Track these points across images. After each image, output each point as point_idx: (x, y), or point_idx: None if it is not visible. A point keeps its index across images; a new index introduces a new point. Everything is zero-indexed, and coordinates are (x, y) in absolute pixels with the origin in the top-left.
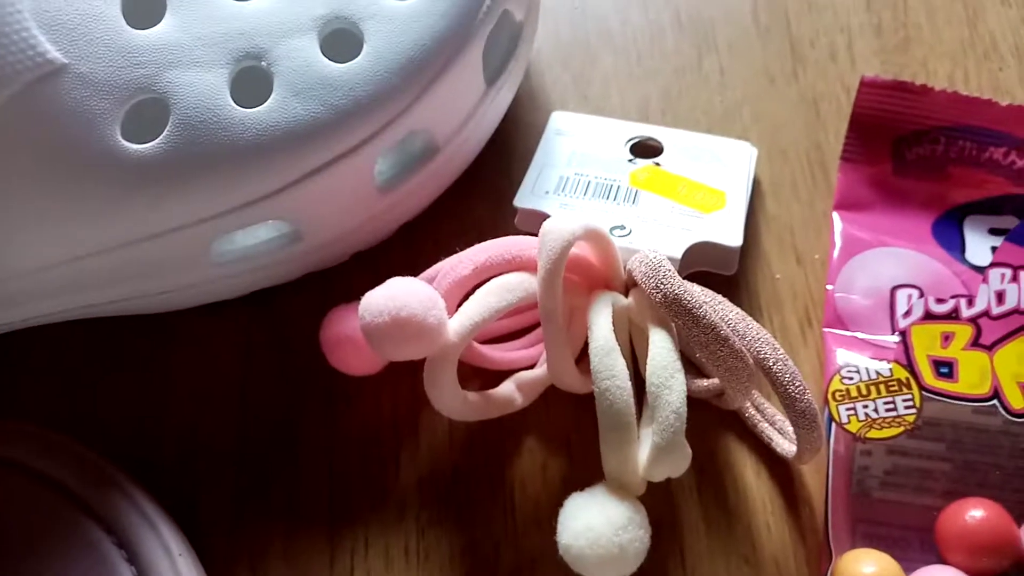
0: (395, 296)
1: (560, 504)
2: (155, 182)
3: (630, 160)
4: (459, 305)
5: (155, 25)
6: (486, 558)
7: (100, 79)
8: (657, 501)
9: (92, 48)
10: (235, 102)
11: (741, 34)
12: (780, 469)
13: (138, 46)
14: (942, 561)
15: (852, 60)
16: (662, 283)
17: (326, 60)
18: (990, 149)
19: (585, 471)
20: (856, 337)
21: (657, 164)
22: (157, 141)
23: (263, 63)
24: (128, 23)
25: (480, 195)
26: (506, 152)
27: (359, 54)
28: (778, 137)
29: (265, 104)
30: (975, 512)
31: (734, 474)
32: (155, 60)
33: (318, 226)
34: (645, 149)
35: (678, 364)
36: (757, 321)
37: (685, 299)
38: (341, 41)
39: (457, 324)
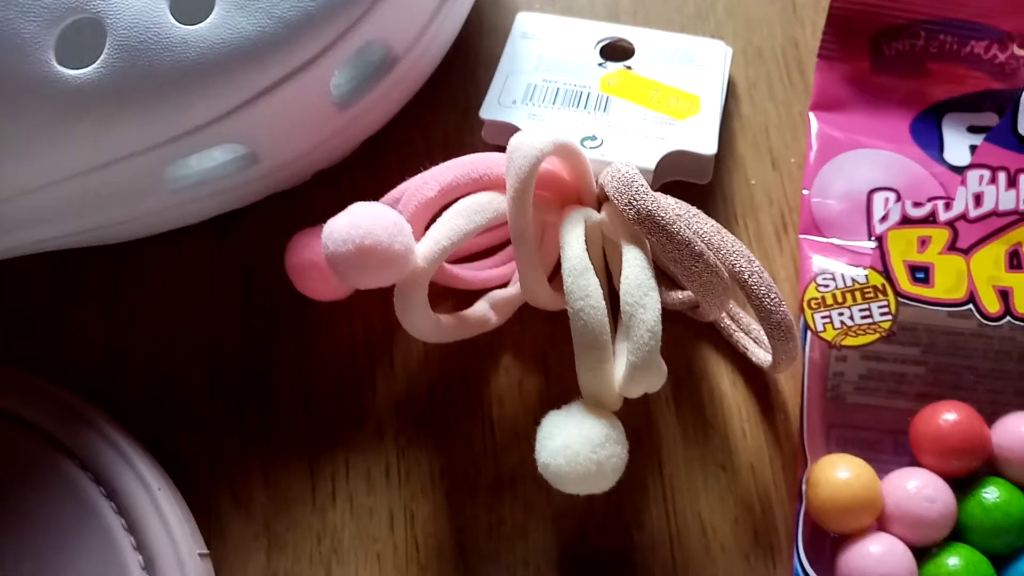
0: (359, 224)
1: (538, 421)
2: (97, 109)
3: (600, 64)
4: (427, 228)
5: None
6: (466, 475)
7: (25, 0)
8: (634, 412)
9: None
10: (176, 19)
11: None
12: (756, 377)
13: None
14: (915, 463)
15: None
16: (634, 199)
17: None
18: (971, 43)
19: (561, 387)
20: (832, 243)
21: (628, 68)
22: (95, 65)
23: None
24: None
25: (445, 106)
26: (470, 58)
27: None
28: (753, 34)
29: (208, 19)
30: (948, 415)
31: (710, 383)
32: None
33: (275, 147)
34: (616, 51)
35: (652, 282)
36: (732, 229)
37: (658, 215)
38: None
39: (425, 249)
